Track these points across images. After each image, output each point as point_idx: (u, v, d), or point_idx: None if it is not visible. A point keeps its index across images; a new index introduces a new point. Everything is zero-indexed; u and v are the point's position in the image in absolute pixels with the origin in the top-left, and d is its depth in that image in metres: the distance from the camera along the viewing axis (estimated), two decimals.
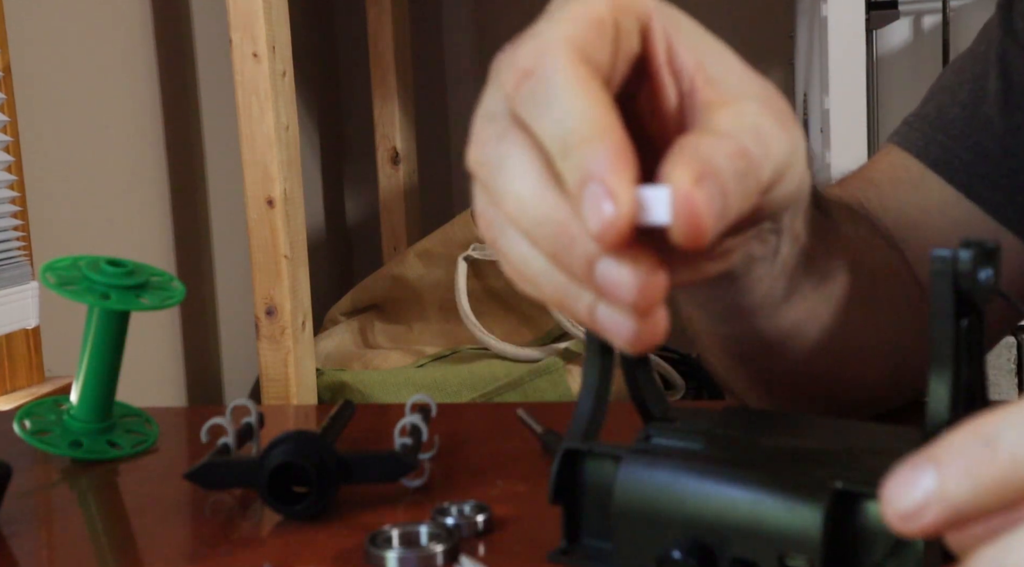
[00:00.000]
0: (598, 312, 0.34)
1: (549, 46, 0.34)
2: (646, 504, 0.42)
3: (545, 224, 0.33)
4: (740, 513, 0.39)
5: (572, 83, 0.33)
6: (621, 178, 0.31)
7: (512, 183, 0.34)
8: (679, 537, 0.40)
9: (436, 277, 1.93)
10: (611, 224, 0.31)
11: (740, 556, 0.39)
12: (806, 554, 0.38)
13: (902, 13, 2.16)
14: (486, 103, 0.37)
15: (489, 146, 0.36)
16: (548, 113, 0.33)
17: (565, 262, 0.33)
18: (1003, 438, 0.25)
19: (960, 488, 0.26)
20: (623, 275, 0.32)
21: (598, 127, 0.32)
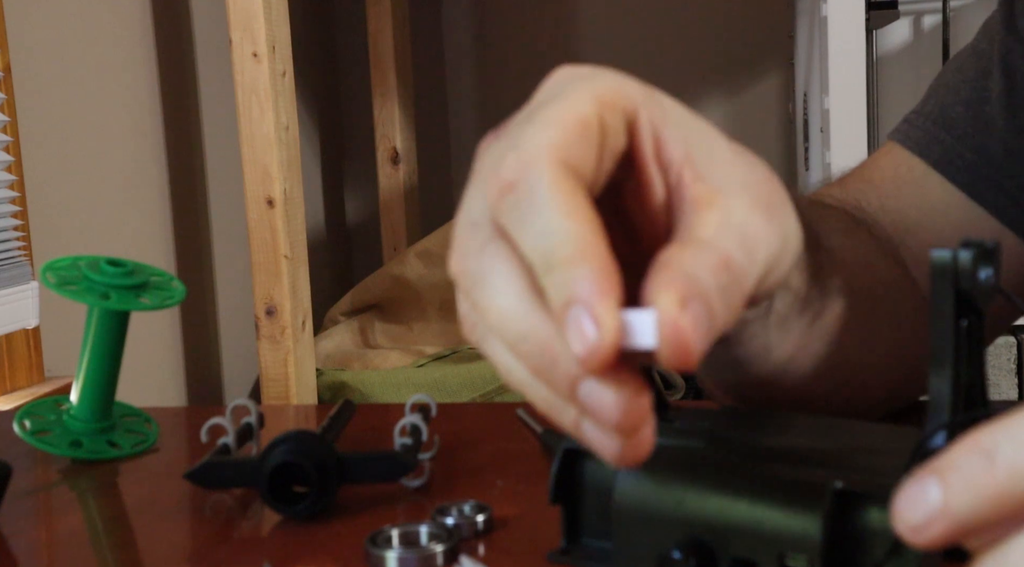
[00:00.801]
0: (583, 427, 0.33)
1: (532, 157, 0.33)
2: (646, 504, 0.41)
3: (527, 341, 0.33)
4: (740, 513, 0.39)
5: (556, 198, 0.32)
6: (605, 302, 0.31)
7: (494, 297, 0.34)
8: (679, 537, 0.40)
9: (436, 277, 1.93)
10: (595, 350, 0.31)
11: (740, 556, 0.39)
12: (806, 554, 0.38)
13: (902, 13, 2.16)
14: (468, 207, 0.36)
15: (471, 256, 0.35)
16: (531, 228, 0.32)
17: (547, 379, 0.33)
18: (1001, 452, 0.26)
19: (962, 502, 0.26)
20: (606, 397, 0.32)
21: (582, 246, 0.32)
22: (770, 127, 2.53)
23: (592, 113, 0.35)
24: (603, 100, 0.35)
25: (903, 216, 0.67)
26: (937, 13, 2.23)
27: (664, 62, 2.54)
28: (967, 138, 0.67)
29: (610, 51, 2.57)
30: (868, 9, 1.64)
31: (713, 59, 2.53)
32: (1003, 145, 0.66)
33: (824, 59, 1.60)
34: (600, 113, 0.35)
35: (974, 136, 0.67)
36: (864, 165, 0.72)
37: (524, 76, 2.69)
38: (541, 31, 2.62)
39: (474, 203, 0.36)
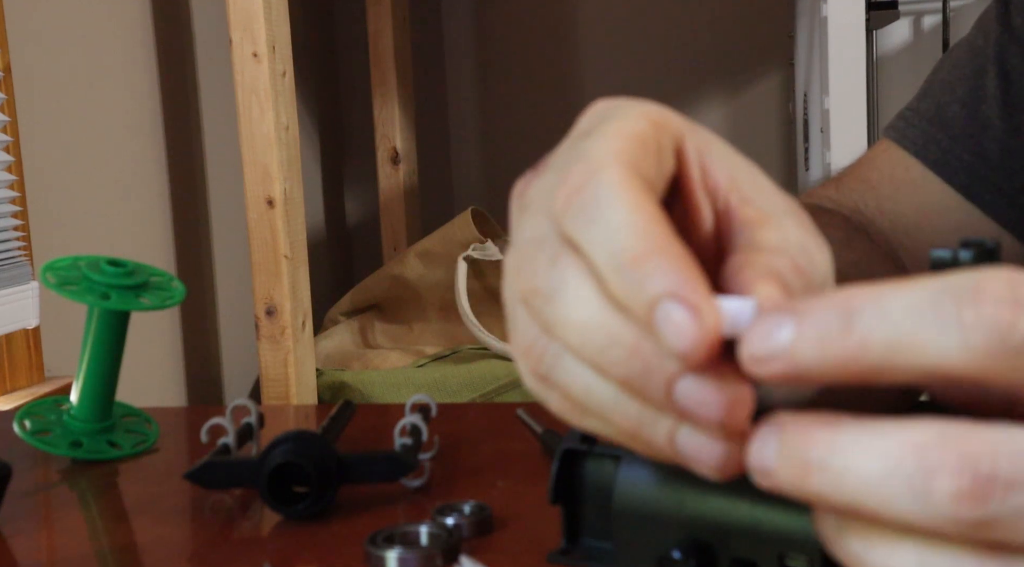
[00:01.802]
0: (679, 438, 0.31)
1: (598, 162, 0.32)
2: (646, 504, 0.41)
3: (613, 348, 0.31)
4: (740, 513, 0.39)
5: (623, 196, 0.31)
6: (698, 289, 0.29)
7: (571, 310, 0.32)
8: (679, 537, 0.40)
9: (436, 277, 1.93)
10: (698, 340, 0.29)
11: (740, 556, 0.39)
12: (806, 554, 0.38)
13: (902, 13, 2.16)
14: (527, 229, 0.34)
15: (540, 274, 0.33)
16: (600, 229, 0.31)
17: (639, 386, 0.31)
18: (862, 319, 0.26)
19: (808, 354, 0.27)
20: (708, 393, 0.30)
21: (655, 240, 0.30)
22: (770, 127, 2.53)
23: (648, 130, 0.34)
24: (655, 121, 0.34)
25: (901, 217, 0.67)
26: (937, 13, 2.23)
27: (664, 62, 2.54)
28: (964, 139, 0.67)
29: (610, 51, 2.57)
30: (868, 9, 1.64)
31: (713, 59, 2.53)
32: (1000, 146, 0.66)
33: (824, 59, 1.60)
34: (655, 132, 0.34)
35: (971, 137, 0.67)
36: (860, 164, 0.71)
37: (524, 76, 2.69)
38: (541, 31, 2.62)
39: (533, 223, 0.34)
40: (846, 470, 0.26)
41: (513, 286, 0.34)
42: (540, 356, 0.33)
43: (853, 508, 0.26)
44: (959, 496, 0.24)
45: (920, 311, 0.25)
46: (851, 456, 0.26)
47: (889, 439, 0.25)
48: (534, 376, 0.34)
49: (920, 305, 0.26)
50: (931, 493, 0.24)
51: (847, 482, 0.26)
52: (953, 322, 0.25)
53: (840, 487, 0.26)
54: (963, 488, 0.24)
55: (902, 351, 0.26)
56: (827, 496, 0.26)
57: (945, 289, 0.25)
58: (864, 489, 0.26)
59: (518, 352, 0.34)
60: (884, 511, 0.25)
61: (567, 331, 0.32)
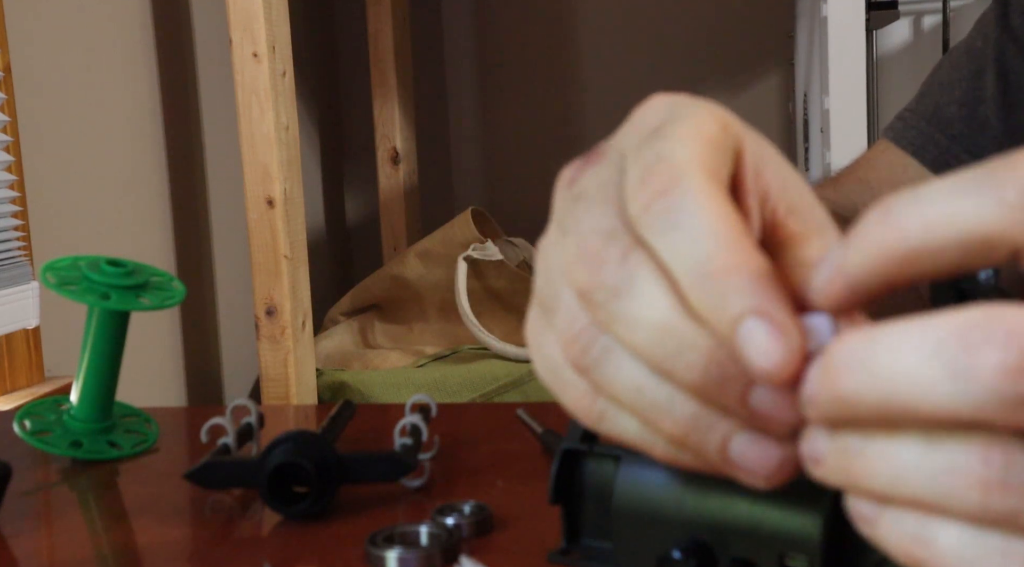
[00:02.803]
0: (734, 445, 0.31)
1: (683, 168, 0.32)
2: (646, 504, 0.41)
3: (687, 353, 0.30)
4: (740, 513, 0.39)
5: (712, 207, 0.31)
6: (784, 309, 0.29)
7: (642, 309, 0.31)
8: (679, 537, 0.40)
9: (436, 277, 1.93)
10: (785, 360, 0.28)
11: (740, 556, 0.39)
12: (806, 554, 0.38)
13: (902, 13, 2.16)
14: (588, 220, 0.33)
15: (610, 267, 0.32)
16: (685, 237, 0.30)
17: (712, 392, 0.30)
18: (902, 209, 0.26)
19: (853, 261, 0.27)
20: (785, 399, 0.29)
21: (744, 255, 0.30)
22: (770, 127, 2.53)
23: (719, 133, 0.34)
24: (723, 124, 0.34)
25: None
26: (937, 13, 2.23)
27: (664, 62, 2.54)
28: (962, 139, 0.67)
29: (610, 51, 2.57)
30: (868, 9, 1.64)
31: (713, 59, 2.53)
32: (998, 145, 0.66)
33: (824, 59, 1.60)
34: (724, 135, 0.34)
35: (969, 137, 0.67)
36: (859, 164, 0.72)
37: (524, 76, 2.69)
38: (541, 31, 2.62)
39: (593, 216, 0.33)
40: (883, 361, 0.25)
41: (566, 274, 0.33)
42: (587, 347, 0.32)
43: (886, 404, 0.25)
44: (1005, 370, 0.23)
45: (955, 186, 0.25)
46: (888, 347, 0.25)
47: (931, 326, 0.25)
48: (574, 366, 0.33)
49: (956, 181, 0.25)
50: (975, 370, 0.23)
51: (883, 373, 0.25)
52: (990, 185, 0.25)
53: (875, 381, 0.25)
54: (1009, 361, 0.23)
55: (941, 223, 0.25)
56: (859, 395, 0.26)
57: (983, 167, 0.25)
58: (902, 377, 0.25)
59: (561, 339, 0.33)
60: (921, 400, 0.24)
61: (634, 330, 0.31)
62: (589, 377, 0.33)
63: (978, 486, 0.24)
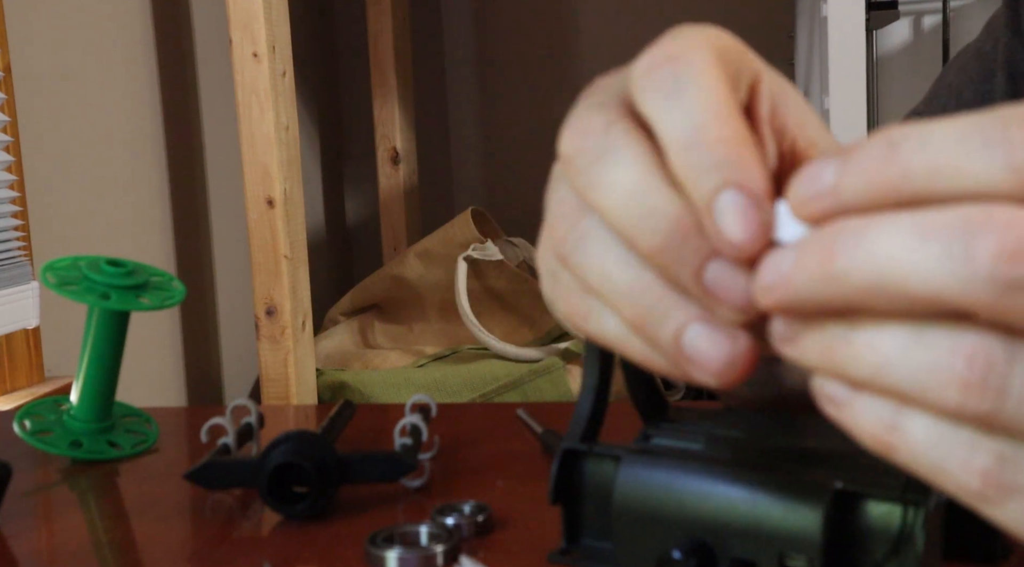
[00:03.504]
0: (687, 335, 0.31)
1: (691, 44, 0.32)
2: (646, 504, 0.41)
3: (653, 217, 0.30)
4: (740, 513, 0.39)
5: (713, 81, 0.31)
6: (764, 185, 0.29)
7: (622, 172, 0.31)
8: (679, 537, 0.40)
9: (436, 277, 1.93)
10: (753, 234, 0.29)
11: (740, 556, 0.39)
12: (806, 554, 0.38)
13: (902, 13, 2.16)
14: (595, 94, 0.34)
15: (591, 134, 0.32)
16: (682, 104, 0.30)
17: (669, 261, 0.30)
18: (905, 145, 0.26)
19: (852, 185, 0.26)
20: (739, 277, 0.30)
21: (738, 131, 0.30)
22: None
23: (735, 47, 0.34)
24: (740, 48, 0.34)
25: None
26: (937, 13, 2.23)
27: None
28: None
29: (610, 51, 2.57)
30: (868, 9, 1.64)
31: None
32: None
33: (824, 59, 1.60)
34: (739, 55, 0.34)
35: None
36: None
37: (524, 76, 2.69)
38: (541, 31, 2.62)
39: (602, 92, 0.34)
40: (879, 240, 0.25)
41: (564, 143, 0.33)
42: (568, 230, 0.33)
43: (877, 284, 0.25)
44: (1001, 254, 0.23)
45: (964, 134, 0.25)
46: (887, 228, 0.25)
47: (932, 212, 0.25)
48: (556, 258, 0.34)
49: (964, 129, 0.25)
50: (972, 253, 0.24)
51: (878, 251, 0.25)
52: (998, 142, 0.24)
53: (869, 258, 0.25)
54: (1006, 246, 0.23)
55: (946, 173, 0.25)
56: (850, 273, 0.26)
57: (993, 115, 0.25)
58: (899, 257, 0.25)
59: (548, 230, 0.34)
60: (913, 281, 0.25)
61: (608, 193, 0.31)
62: (569, 265, 0.33)
63: (958, 385, 0.25)
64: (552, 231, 0.34)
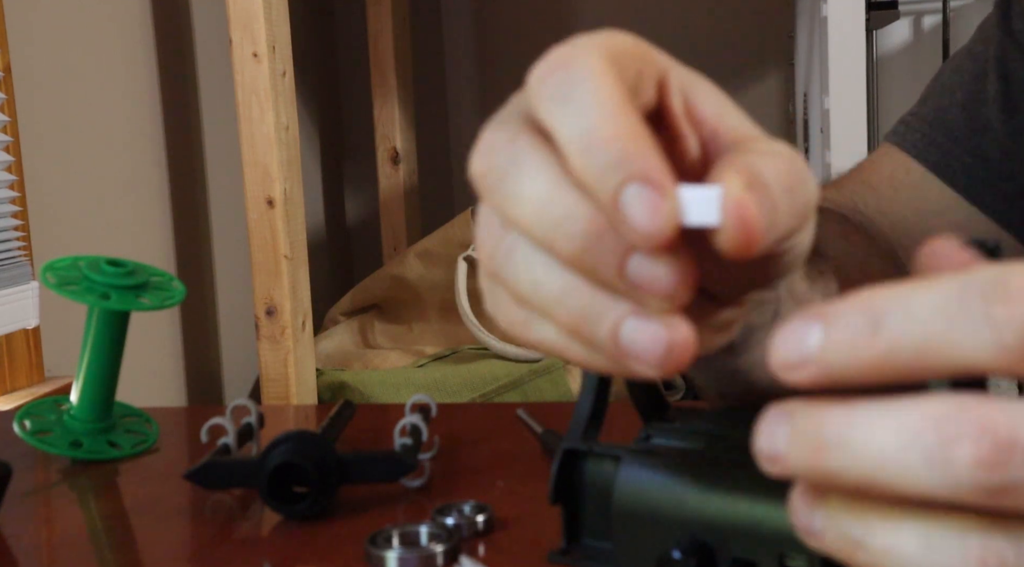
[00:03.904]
0: (623, 331, 0.31)
1: (582, 48, 0.32)
2: (646, 504, 0.41)
3: (568, 222, 0.31)
4: (740, 513, 0.39)
5: (604, 82, 0.31)
6: (665, 175, 0.29)
7: (530, 183, 0.32)
8: (679, 537, 0.40)
9: (436, 277, 1.93)
10: (662, 223, 0.29)
11: (740, 556, 0.39)
12: (806, 554, 0.38)
13: (902, 13, 2.16)
14: (500, 112, 0.35)
15: (497, 151, 0.33)
16: (575, 107, 0.31)
17: (591, 263, 0.31)
18: (889, 322, 0.26)
19: (838, 357, 0.26)
20: (661, 267, 0.30)
21: (631, 126, 0.30)
22: (770, 127, 2.52)
23: (632, 48, 0.34)
24: (641, 49, 0.35)
25: (901, 219, 0.67)
26: (937, 13, 2.23)
27: None
28: (964, 141, 0.67)
29: None
30: (868, 9, 1.64)
31: (713, 59, 2.53)
32: (1000, 147, 0.66)
33: (824, 59, 1.60)
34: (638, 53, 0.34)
35: (971, 139, 0.67)
36: (861, 167, 0.72)
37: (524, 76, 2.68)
38: (541, 31, 2.62)
39: (507, 108, 0.34)
40: (863, 444, 0.26)
41: (474, 165, 0.34)
42: (495, 247, 0.33)
43: (868, 484, 0.26)
44: (979, 463, 0.24)
45: (948, 310, 0.25)
46: (868, 430, 0.26)
47: (907, 413, 0.25)
48: (488, 276, 0.34)
49: (947, 304, 0.25)
50: (951, 461, 0.24)
51: (864, 456, 0.26)
52: (983, 320, 0.24)
53: (856, 462, 0.26)
54: (982, 455, 0.24)
55: (933, 352, 0.25)
56: (842, 474, 0.26)
57: (970, 285, 0.25)
58: (882, 462, 0.25)
59: (478, 248, 0.34)
60: (900, 484, 0.25)
61: (521, 206, 0.32)
62: (499, 280, 0.33)
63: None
64: (481, 251, 0.34)
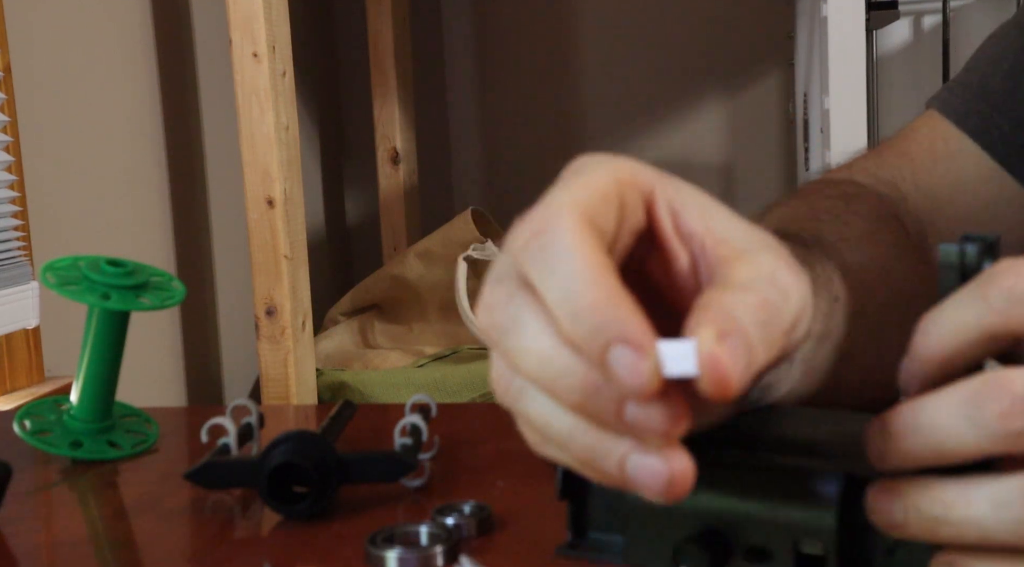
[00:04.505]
0: (629, 464, 0.35)
1: (556, 209, 0.36)
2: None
3: (566, 377, 0.34)
4: (754, 504, 0.41)
5: (579, 247, 0.34)
6: (644, 335, 0.33)
7: (529, 340, 0.35)
8: (693, 528, 0.42)
9: (436, 277, 1.93)
10: (646, 382, 0.33)
11: (755, 545, 0.41)
12: (821, 541, 0.39)
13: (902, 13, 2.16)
14: (495, 268, 0.38)
15: (498, 309, 0.36)
16: (557, 277, 0.34)
17: (592, 410, 0.34)
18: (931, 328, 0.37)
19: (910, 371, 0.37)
20: (654, 411, 0.34)
21: (609, 291, 0.34)
22: (770, 127, 2.53)
23: (611, 186, 0.37)
24: (621, 178, 0.37)
25: (935, 193, 0.68)
26: (937, 13, 2.23)
27: (664, 62, 2.54)
28: (1005, 109, 0.68)
29: (610, 52, 2.57)
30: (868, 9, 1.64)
31: (713, 59, 2.53)
32: None
33: (824, 59, 1.59)
34: (619, 188, 0.37)
35: (1012, 107, 0.68)
36: (902, 135, 0.72)
37: (524, 76, 2.69)
38: (541, 31, 2.62)
39: (500, 265, 0.37)
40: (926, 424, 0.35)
41: (480, 319, 0.37)
42: (507, 387, 0.37)
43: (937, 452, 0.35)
44: (1001, 414, 0.33)
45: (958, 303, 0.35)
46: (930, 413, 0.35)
47: (955, 391, 0.34)
48: (507, 405, 0.37)
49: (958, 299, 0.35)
50: (983, 417, 0.33)
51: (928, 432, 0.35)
52: (979, 297, 0.35)
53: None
54: (1003, 408, 0.33)
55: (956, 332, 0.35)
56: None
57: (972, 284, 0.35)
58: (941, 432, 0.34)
59: (493, 383, 0.38)
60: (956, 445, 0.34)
61: (526, 359, 0.35)
62: (515, 413, 0.37)
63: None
64: (496, 387, 0.38)
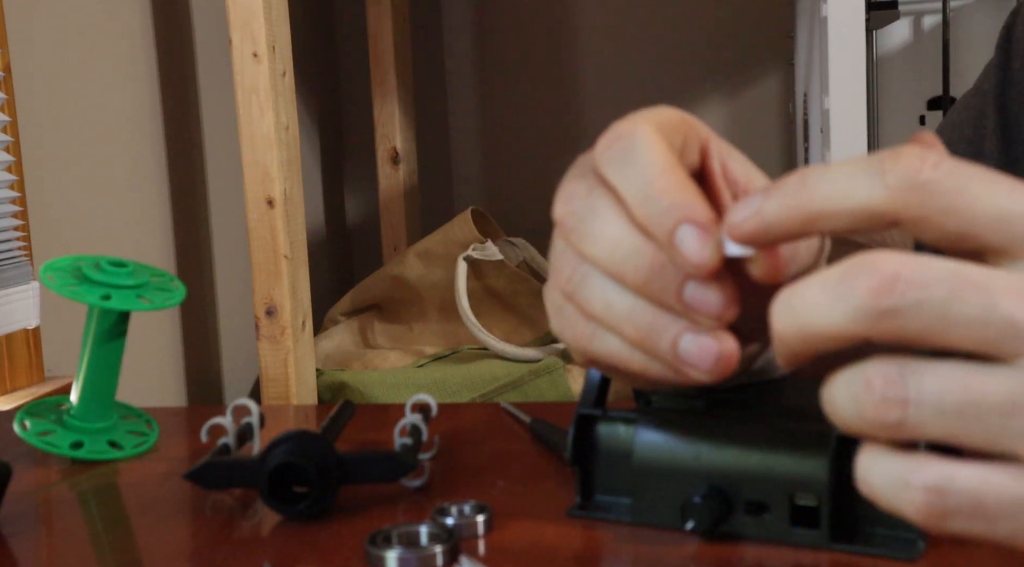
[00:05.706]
0: (682, 343, 0.39)
1: (637, 122, 0.41)
2: (664, 459, 0.47)
3: (637, 256, 0.39)
4: (753, 461, 0.45)
5: (656, 147, 0.40)
6: (708, 216, 0.37)
7: (604, 226, 0.40)
8: (696, 487, 0.46)
9: (436, 277, 1.93)
10: (708, 259, 0.37)
11: (753, 499, 0.45)
12: (814, 493, 0.44)
13: (902, 13, 2.16)
14: (576, 167, 0.43)
15: (577, 199, 0.41)
16: (632, 168, 0.39)
17: (655, 289, 0.39)
18: (814, 181, 0.35)
19: (769, 210, 0.36)
20: (711, 292, 0.38)
21: (680, 180, 0.39)
22: (770, 127, 2.53)
23: (680, 123, 0.43)
24: (687, 120, 0.43)
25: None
26: (937, 13, 2.23)
27: (664, 62, 2.54)
28: None
29: (610, 52, 2.57)
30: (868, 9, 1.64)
31: (713, 59, 2.53)
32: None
33: (824, 59, 1.59)
34: (685, 127, 0.43)
35: None
36: None
37: (524, 76, 2.69)
38: (541, 31, 2.62)
39: (581, 165, 0.42)
40: (799, 302, 0.34)
41: (558, 207, 0.42)
42: (571, 275, 0.41)
43: (807, 331, 0.34)
44: (870, 290, 0.32)
45: (855, 171, 0.34)
46: (803, 291, 0.34)
47: (831, 271, 0.33)
48: (563, 297, 0.42)
49: (855, 168, 0.34)
50: (851, 292, 0.32)
51: (800, 310, 0.34)
52: (878, 174, 0.33)
53: (797, 317, 0.34)
54: (873, 284, 0.32)
55: (840, 196, 0.34)
56: (791, 329, 0.34)
57: (877, 156, 0.34)
58: (812, 309, 0.33)
59: (553, 275, 0.43)
60: (825, 323, 0.33)
61: (598, 243, 0.40)
62: (574, 301, 0.42)
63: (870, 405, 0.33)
64: (557, 275, 0.42)
